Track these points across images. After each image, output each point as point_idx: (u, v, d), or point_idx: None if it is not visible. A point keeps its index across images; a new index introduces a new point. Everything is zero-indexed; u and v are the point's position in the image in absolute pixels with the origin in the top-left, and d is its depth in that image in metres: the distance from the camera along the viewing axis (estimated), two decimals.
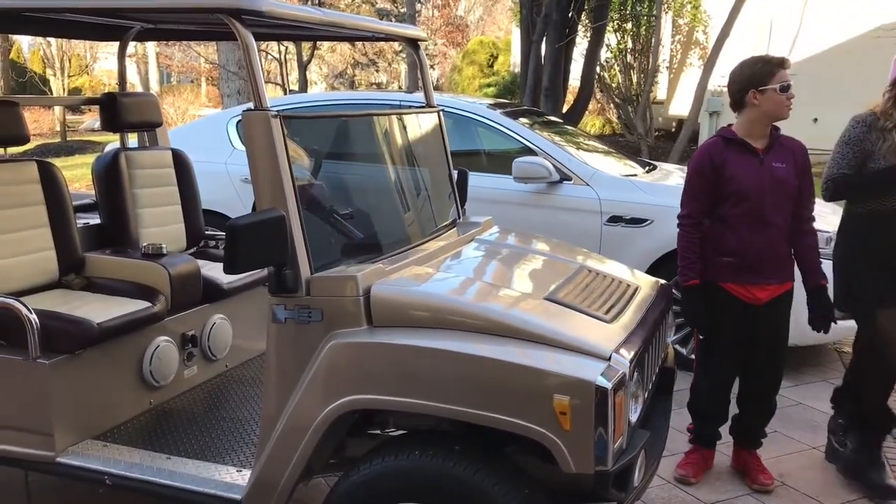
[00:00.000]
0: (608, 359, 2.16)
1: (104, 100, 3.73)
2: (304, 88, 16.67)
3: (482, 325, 2.25)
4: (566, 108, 11.25)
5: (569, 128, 6.66)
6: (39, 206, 3.18)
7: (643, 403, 2.40)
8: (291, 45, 17.03)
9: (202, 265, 3.34)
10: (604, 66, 13.92)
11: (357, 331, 2.29)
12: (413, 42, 3.24)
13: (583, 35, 12.06)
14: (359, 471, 2.28)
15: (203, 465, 2.61)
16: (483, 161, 5.61)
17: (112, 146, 4.06)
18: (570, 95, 12.00)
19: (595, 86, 12.69)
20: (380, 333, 2.28)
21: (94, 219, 3.66)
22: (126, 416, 2.96)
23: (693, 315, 3.40)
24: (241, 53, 2.31)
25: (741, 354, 3.44)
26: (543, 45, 10.43)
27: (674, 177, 5.60)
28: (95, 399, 2.84)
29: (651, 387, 2.61)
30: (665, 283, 3.11)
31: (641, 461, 2.27)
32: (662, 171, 5.84)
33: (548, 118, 6.79)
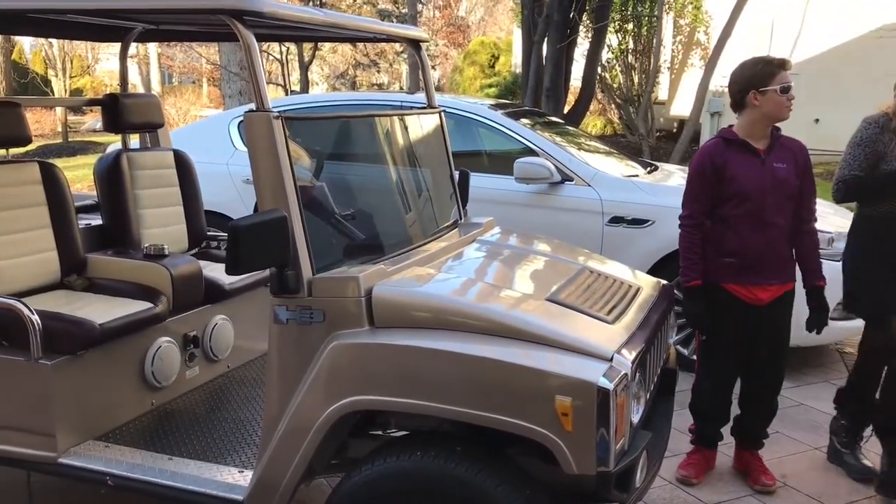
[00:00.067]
0: (610, 360, 2.16)
1: (106, 101, 3.73)
2: (306, 89, 16.70)
3: (484, 326, 2.25)
4: (567, 109, 11.25)
5: (570, 128, 6.66)
6: (41, 207, 3.18)
7: (645, 404, 2.41)
8: (293, 46, 17.06)
9: (204, 266, 3.34)
10: (605, 67, 13.91)
11: (359, 332, 2.28)
12: (414, 43, 3.24)
13: (584, 36, 12.07)
14: (361, 471, 2.28)
15: (205, 466, 2.61)
16: (484, 162, 5.61)
17: (114, 147, 4.06)
18: (572, 96, 11.99)
19: (596, 86, 12.68)
20: (382, 334, 2.28)
21: (96, 220, 3.66)
22: (128, 417, 2.96)
23: (695, 316, 3.39)
24: (243, 54, 2.32)
25: (743, 355, 3.44)
26: (545, 46, 10.43)
27: (675, 177, 5.58)
28: (97, 400, 2.84)
29: (653, 387, 2.61)
30: (667, 284, 3.11)
31: (643, 462, 2.27)
32: (664, 172, 5.84)
33: (549, 119, 6.78)
